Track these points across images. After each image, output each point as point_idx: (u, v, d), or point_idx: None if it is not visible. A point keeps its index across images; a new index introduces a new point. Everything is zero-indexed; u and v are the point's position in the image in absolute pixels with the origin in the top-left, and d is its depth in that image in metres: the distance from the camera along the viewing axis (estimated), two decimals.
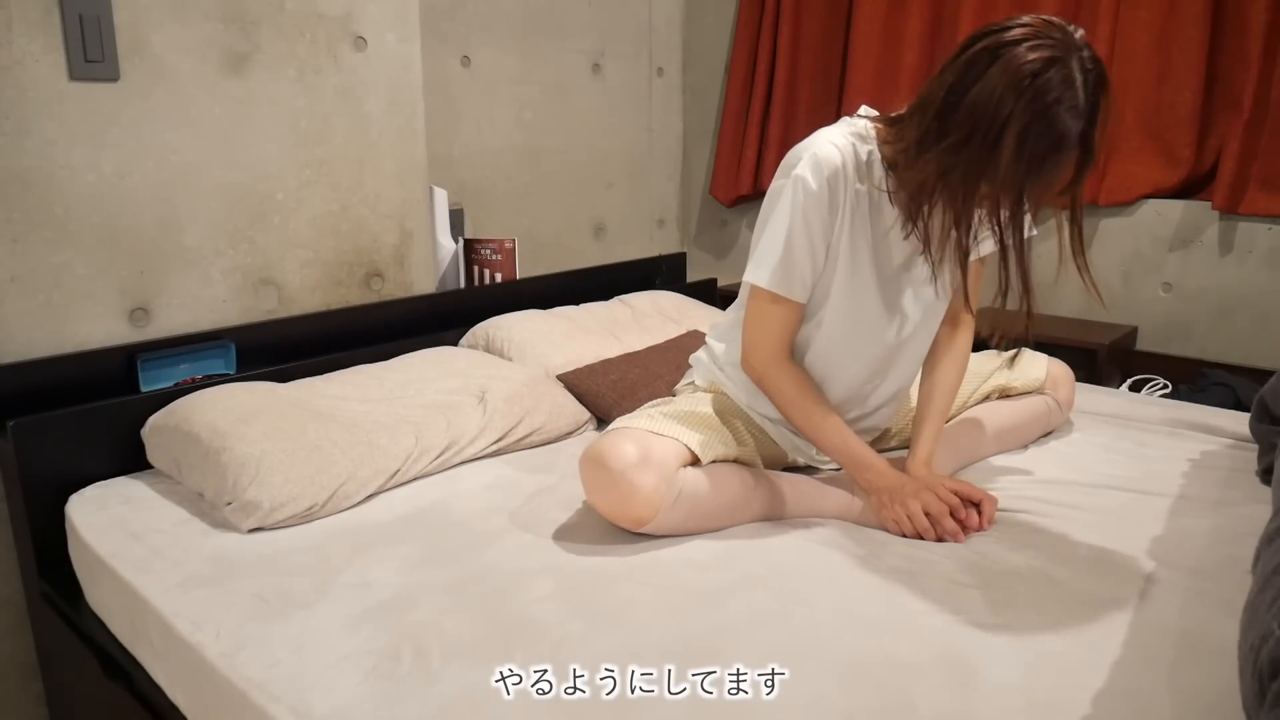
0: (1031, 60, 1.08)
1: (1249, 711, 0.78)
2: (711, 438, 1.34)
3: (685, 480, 1.28)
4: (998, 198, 1.13)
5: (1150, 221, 2.40)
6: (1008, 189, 1.12)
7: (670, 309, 2.32)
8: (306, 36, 1.83)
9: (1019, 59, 1.08)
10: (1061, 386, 1.70)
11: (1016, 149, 1.09)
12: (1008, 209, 1.14)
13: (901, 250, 1.36)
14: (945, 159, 1.14)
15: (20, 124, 1.50)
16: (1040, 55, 1.08)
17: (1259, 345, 2.28)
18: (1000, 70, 1.09)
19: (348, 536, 1.33)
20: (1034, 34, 1.10)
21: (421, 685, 0.97)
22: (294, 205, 1.86)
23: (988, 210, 1.15)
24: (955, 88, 1.13)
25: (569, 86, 2.74)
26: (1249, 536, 1.18)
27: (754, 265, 1.34)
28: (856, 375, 1.42)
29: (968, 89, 1.11)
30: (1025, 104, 1.07)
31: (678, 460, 1.28)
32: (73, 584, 1.43)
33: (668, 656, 1.00)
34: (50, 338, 1.58)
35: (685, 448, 1.30)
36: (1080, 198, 1.19)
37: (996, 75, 1.09)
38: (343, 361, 1.82)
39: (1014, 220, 1.15)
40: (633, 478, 1.24)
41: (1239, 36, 2.20)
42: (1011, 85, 1.08)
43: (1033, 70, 1.07)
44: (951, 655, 1.01)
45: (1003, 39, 1.11)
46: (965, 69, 1.12)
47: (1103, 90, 1.11)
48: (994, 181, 1.12)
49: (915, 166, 1.19)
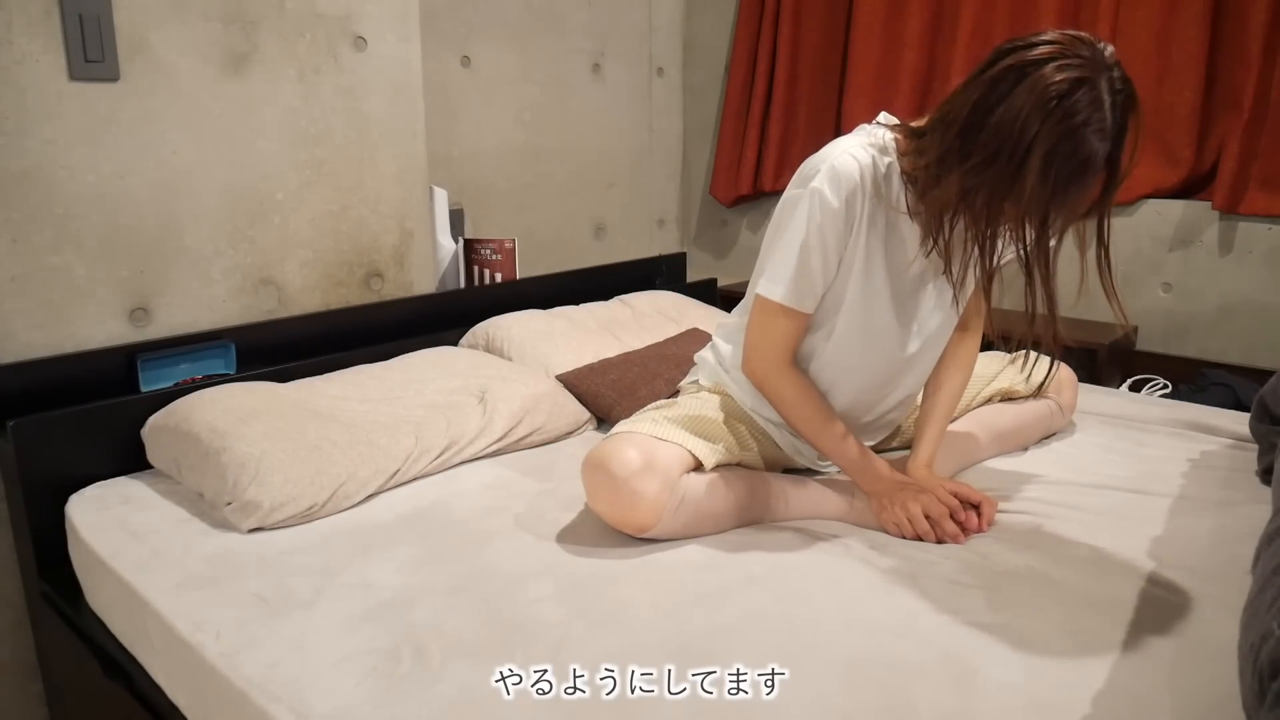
0: (1059, 81, 1.05)
1: (1249, 711, 0.78)
2: (716, 444, 1.34)
3: (688, 487, 1.27)
4: (1022, 219, 1.11)
5: (1150, 221, 2.40)
6: (1032, 211, 1.09)
7: (670, 309, 2.32)
8: (306, 36, 1.83)
9: (1046, 79, 1.05)
10: (1065, 390, 1.70)
11: (1042, 171, 1.06)
12: (1033, 231, 1.11)
13: (918, 264, 1.33)
14: (968, 179, 1.12)
15: (20, 124, 1.50)
16: (1068, 76, 1.05)
17: (1259, 345, 2.28)
18: (1027, 90, 1.06)
19: (348, 536, 1.33)
20: (1062, 52, 1.07)
21: (421, 685, 0.97)
22: (294, 205, 1.86)
23: (1012, 232, 1.13)
24: (979, 106, 1.10)
25: (569, 86, 2.74)
26: (1249, 536, 1.18)
27: (768, 279, 1.30)
28: (865, 385, 1.41)
29: (993, 108, 1.08)
30: (1052, 126, 1.05)
31: (681, 467, 1.28)
32: (73, 584, 1.43)
33: (668, 656, 1.00)
34: (50, 338, 1.58)
35: (689, 454, 1.30)
36: (1108, 218, 1.16)
37: (1023, 95, 1.06)
38: (343, 361, 1.82)
39: (1039, 243, 1.13)
40: (636, 485, 1.23)
41: (1239, 36, 2.20)
42: (1038, 106, 1.05)
43: (1060, 92, 1.04)
44: (951, 655, 1.01)
45: (1029, 57, 1.07)
46: (990, 87, 1.09)
47: (1132, 110, 1.08)
48: (1018, 203, 1.09)
49: (937, 185, 1.16)
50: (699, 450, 1.30)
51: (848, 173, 1.25)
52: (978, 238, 1.15)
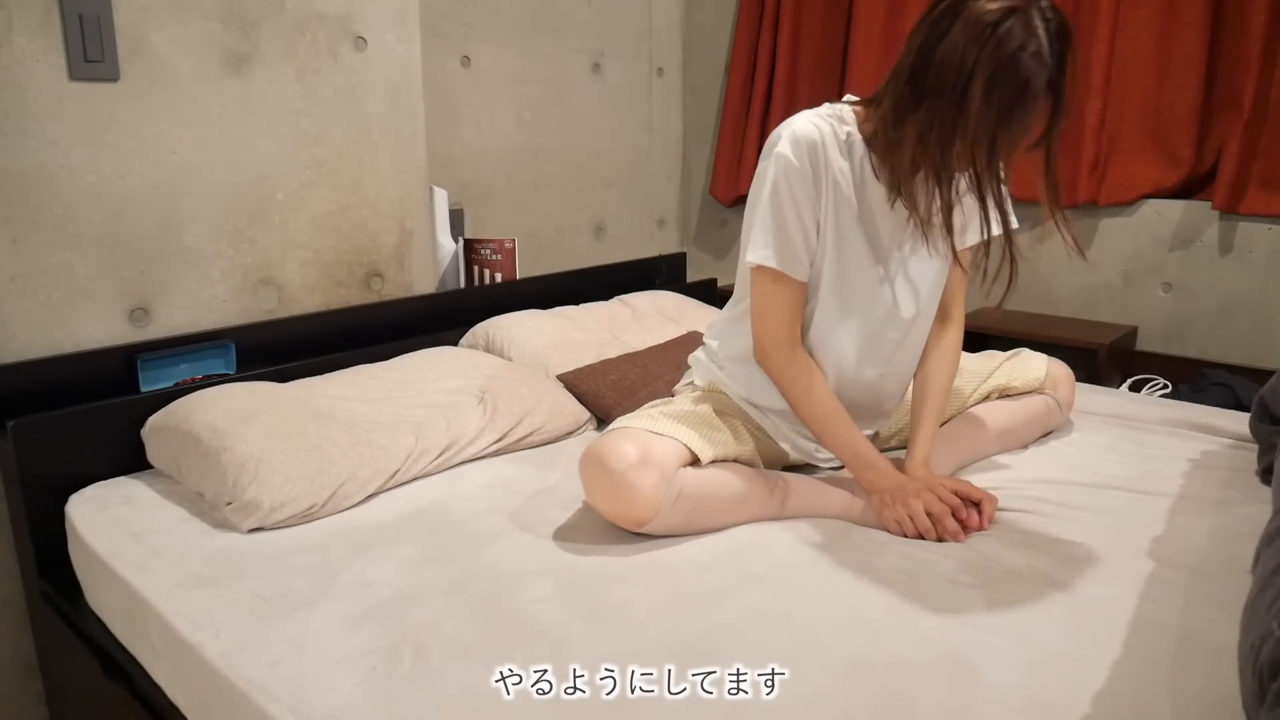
0: (991, 10, 1.12)
1: (1249, 711, 0.78)
2: (712, 437, 1.34)
3: (685, 480, 1.28)
4: (972, 150, 1.16)
5: (1150, 221, 2.41)
6: (980, 141, 1.14)
7: (670, 309, 2.32)
8: (306, 36, 1.83)
9: (979, 11, 1.13)
10: (1061, 386, 1.71)
11: (984, 99, 1.12)
12: (983, 159, 1.16)
13: (892, 222, 1.36)
14: (920, 121, 1.18)
15: (20, 124, 1.50)
16: (999, 5, 1.12)
17: (1259, 345, 2.28)
18: (962, 25, 1.13)
19: (348, 536, 1.33)
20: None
21: (421, 685, 0.97)
22: (294, 205, 1.86)
23: (964, 166, 1.18)
24: (922, 49, 1.17)
25: (569, 86, 2.74)
26: (1249, 536, 1.18)
27: (753, 247, 1.34)
28: (855, 356, 1.42)
29: (934, 48, 1.16)
30: (989, 54, 1.11)
31: (677, 460, 1.28)
32: (73, 584, 1.43)
33: (668, 656, 1.00)
34: (50, 338, 1.58)
35: (685, 448, 1.30)
36: (1055, 150, 1.21)
37: (959, 30, 1.13)
38: (343, 361, 1.82)
39: (990, 168, 1.17)
40: (633, 478, 1.24)
41: (1239, 36, 2.20)
42: (974, 37, 1.12)
43: (993, 20, 1.11)
44: (951, 655, 1.01)
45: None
46: (930, 29, 1.17)
47: (1066, 39, 1.14)
48: (966, 134, 1.15)
49: (893, 134, 1.23)
50: (695, 444, 1.31)
51: (807, 135, 1.31)
52: (935, 176, 1.21)
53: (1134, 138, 2.38)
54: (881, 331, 1.41)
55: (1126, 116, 2.38)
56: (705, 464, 1.32)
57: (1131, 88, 2.35)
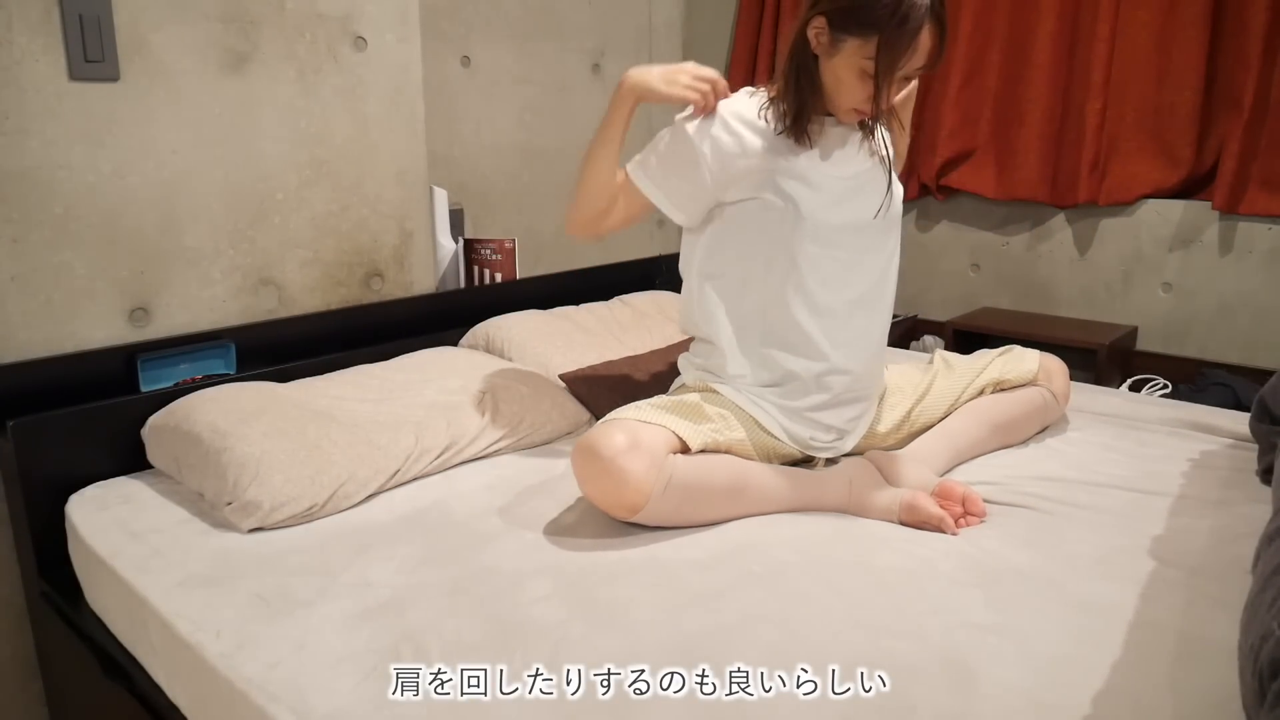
0: None
1: (1249, 711, 0.79)
2: (700, 425, 1.35)
3: (676, 467, 1.28)
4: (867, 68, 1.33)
5: (1150, 221, 2.41)
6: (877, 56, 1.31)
7: (671, 309, 2.32)
8: (306, 36, 1.83)
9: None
10: (1056, 378, 1.70)
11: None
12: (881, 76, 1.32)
13: (839, 166, 1.46)
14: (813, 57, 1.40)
15: (20, 124, 1.50)
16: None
17: (1259, 345, 2.29)
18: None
19: (348, 536, 1.33)
20: None
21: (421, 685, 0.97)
22: (294, 205, 1.86)
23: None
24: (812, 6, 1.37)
25: (569, 86, 2.74)
26: (1249, 536, 1.18)
27: (643, 165, 1.57)
28: (829, 281, 1.44)
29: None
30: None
31: (666, 446, 1.29)
32: (73, 584, 1.43)
33: (667, 656, 1.00)
34: (50, 338, 1.58)
35: (673, 434, 1.31)
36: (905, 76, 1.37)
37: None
38: (343, 361, 1.82)
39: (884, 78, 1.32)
40: (623, 463, 1.24)
41: (1239, 36, 2.21)
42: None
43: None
44: (951, 655, 1.01)
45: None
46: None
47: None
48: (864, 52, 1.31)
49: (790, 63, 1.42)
50: (682, 430, 1.32)
51: (728, 103, 1.48)
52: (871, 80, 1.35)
53: (1134, 138, 2.38)
54: (869, 228, 1.46)
55: (1126, 116, 2.38)
56: (695, 451, 1.32)
57: (1131, 88, 2.35)
